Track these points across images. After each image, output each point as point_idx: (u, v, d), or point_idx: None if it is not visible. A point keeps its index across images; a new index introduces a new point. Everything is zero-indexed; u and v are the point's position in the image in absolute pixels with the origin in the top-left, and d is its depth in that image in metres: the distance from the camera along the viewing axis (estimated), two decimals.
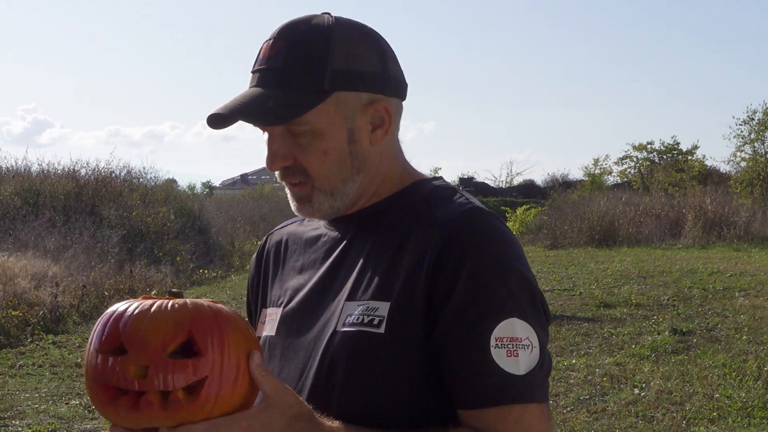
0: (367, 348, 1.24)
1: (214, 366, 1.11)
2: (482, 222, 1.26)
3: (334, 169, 1.30)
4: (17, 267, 10.96)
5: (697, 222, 18.99)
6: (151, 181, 19.36)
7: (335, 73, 1.27)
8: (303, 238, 1.46)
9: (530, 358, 1.21)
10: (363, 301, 1.28)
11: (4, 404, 6.47)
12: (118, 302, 1.21)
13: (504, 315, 1.21)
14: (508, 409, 1.20)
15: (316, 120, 1.27)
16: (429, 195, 1.35)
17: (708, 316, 9.23)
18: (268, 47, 1.30)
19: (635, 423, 5.72)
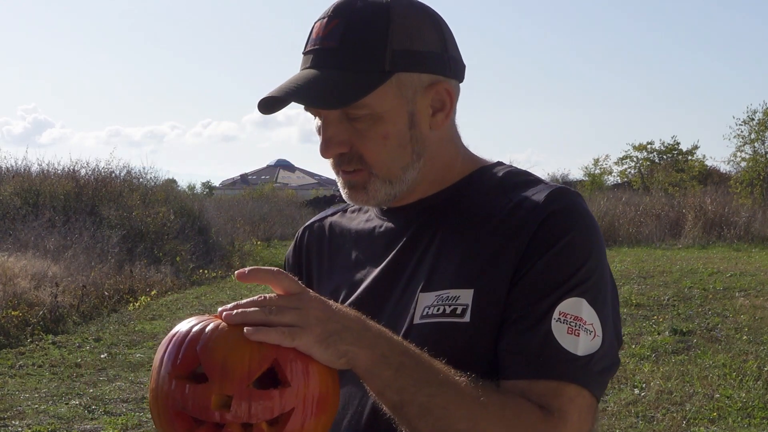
0: (453, 338, 1.18)
1: (298, 396, 1.03)
2: (573, 201, 1.22)
3: (394, 155, 1.23)
4: (17, 267, 10.96)
5: (697, 222, 18.99)
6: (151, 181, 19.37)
7: (396, 53, 1.20)
8: (353, 230, 1.39)
9: (591, 343, 1.16)
10: (441, 290, 1.21)
11: (4, 404, 6.46)
12: (187, 319, 1.10)
13: (574, 293, 1.16)
14: (563, 385, 1.13)
15: (376, 103, 1.20)
16: (503, 181, 1.28)
17: (708, 316, 9.22)
18: (322, 26, 1.22)
19: (635, 423, 5.72)
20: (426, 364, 1.11)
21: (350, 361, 1.07)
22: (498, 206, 1.23)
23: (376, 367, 1.08)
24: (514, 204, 1.22)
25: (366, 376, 1.09)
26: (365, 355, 1.07)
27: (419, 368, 1.10)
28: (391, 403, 1.10)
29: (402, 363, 1.09)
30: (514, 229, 1.19)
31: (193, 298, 12.29)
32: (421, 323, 1.21)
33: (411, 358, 1.10)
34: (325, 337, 1.05)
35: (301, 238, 1.47)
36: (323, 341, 1.05)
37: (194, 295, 12.59)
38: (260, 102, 1.22)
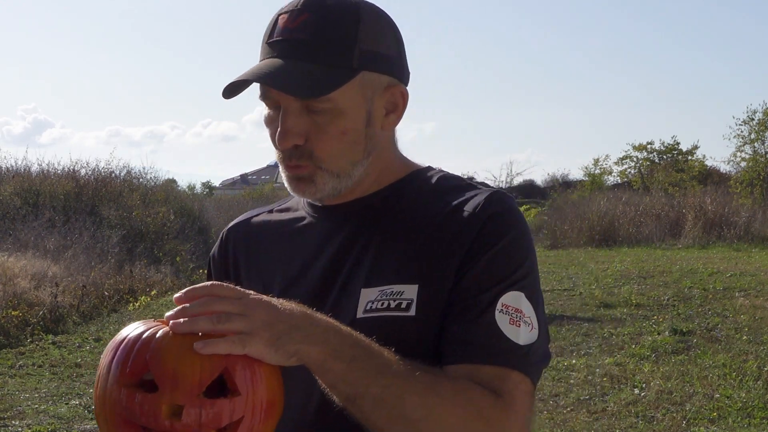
0: (399, 332, 1.20)
1: (248, 405, 1.04)
2: (511, 205, 1.28)
3: (346, 150, 1.26)
4: (17, 267, 10.96)
5: (697, 222, 18.98)
6: (151, 181, 19.38)
7: (363, 52, 1.24)
8: (283, 229, 1.40)
9: (530, 334, 1.21)
10: (384, 286, 1.24)
11: (4, 404, 6.46)
12: (131, 325, 1.10)
13: (516, 287, 1.22)
14: (508, 371, 1.18)
15: (340, 98, 1.23)
16: (440, 184, 1.33)
17: (708, 316, 9.22)
18: (290, 18, 1.24)
19: (635, 423, 5.72)
20: (377, 355, 1.12)
21: (301, 358, 1.08)
22: (437, 208, 1.28)
23: (328, 361, 1.09)
24: (453, 206, 1.27)
25: (318, 371, 1.10)
26: (316, 351, 1.08)
27: (371, 360, 1.11)
28: (345, 396, 1.11)
29: (354, 356, 1.10)
30: (458, 229, 1.24)
31: None
32: (365, 317, 1.23)
33: (363, 349, 1.11)
34: (274, 340, 1.06)
35: (226, 237, 1.47)
36: (273, 344, 1.06)
37: None
38: (228, 86, 1.23)
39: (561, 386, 6.68)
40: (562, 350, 7.95)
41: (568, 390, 6.56)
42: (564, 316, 9.58)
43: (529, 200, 33.28)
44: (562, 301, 10.78)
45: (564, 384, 6.75)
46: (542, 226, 22.15)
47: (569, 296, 11.10)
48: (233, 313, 1.06)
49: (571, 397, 6.35)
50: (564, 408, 6.11)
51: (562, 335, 8.53)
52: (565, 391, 6.55)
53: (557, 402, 6.27)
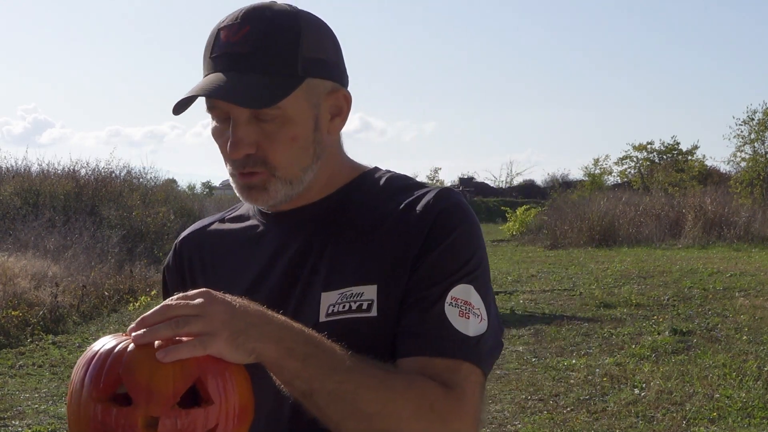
0: (363, 334, 1.23)
1: (221, 412, 1.07)
2: (458, 200, 1.31)
3: (297, 156, 1.28)
4: (17, 267, 10.96)
5: (697, 222, 18.99)
6: (151, 181, 19.40)
7: (306, 59, 1.26)
8: (236, 237, 1.41)
9: (479, 326, 1.24)
10: (344, 288, 1.26)
11: (4, 404, 6.47)
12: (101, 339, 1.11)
13: (464, 279, 1.25)
14: (458, 363, 1.21)
15: (288, 106, 1.25)
16: (389, 184, 1.36)
17: (708, 316, 9.22)
18: (231, 32, 1.25)
19: (635, 423, 5.72)
20: (331, 351, 1.15)
21: (258, 356, 1.10)
22: (388, 209, 1.31)
23: (283, 359, 1.11)
24: (404, 206, 1.30)
25: (273, 369, 1.12)
26: (271, 349, 1.10)
27: (325, 356, 1.14)
28: (301, 392, 1.13)
29: (308, 353, 1.12)
30: (410, 227, 1.27)
31: None
32: (327, 321, 1.25)
33: (316, 347, 1.14)
34: (233, 339, 1.07)
35: (180, 247, 1.48)
36: (232, 343, 1.07)
37: None
38: (178, 103, 1.25)
39: (561, 386, 6.68)
40: (562, 350, 7.95)
41: (568, 390, 6.57)
42: (564, 316, 9.58)
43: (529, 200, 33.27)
44: (562, 301, 10.78)
45: (564, 384, 6.75)
46: (542, 226, 22.15)
47: (569, 296, 11.10)
48: (191, 315, 1.07)
49: (571, 397, 6.35)
50: (564, 408, 6.11)
51: (562, 335, 8.54)
52: (565, 391, 6.55)
53: (557, 402, 6.27)
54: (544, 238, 20.80)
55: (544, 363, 7.45)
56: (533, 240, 21.54)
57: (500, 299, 11.24)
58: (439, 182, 42.41)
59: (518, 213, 24.34)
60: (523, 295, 11.53)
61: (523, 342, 8.35)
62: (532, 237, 21.98)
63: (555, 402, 6.27)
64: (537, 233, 22.01)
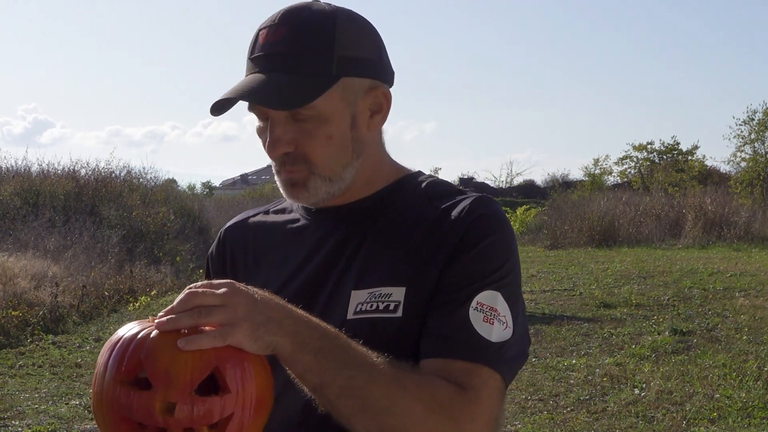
0: (387, 334, 1.25)
1: (238, 401, 1.09)
2: (495, 209, 1.32)
3: (336, 154, 1.31)
4: (17, 267, 10.97)
5: (697, 222, 18.99)
6: (151, 181, 19.40)
7: (342, 58, 1.28)
8: (279, 230, 1.45)
9: (503, 332, 1.25)
10: (373, 288, 1.28)
11: (4, 404, 6.47)
12: (127, 325, 1.15)
13: (492, 286, 1.26)
14: (478, 367, 1.21)
15: (323, 105, 1.27)
16: (430, 189, 1.38)
17: (708, 316, 9.23)
18: (270, 33, 1.29)
19: (635, 423, 5.72)
20: (345, 346, 1.17)
21: (275, 349, 1.13)
22: (426, 213, 1.33)
23: (297, 352, 1.13)
24: (441, 210, 1.32)
25: (288, 362, 1.15)
26: (287, 343, 1.13)
27: (338, 351, 1.16)
28: (312, 386, 1.16)
29: (321, 347, 1.14)
30: (444, 232, 1.29)
31: None
32: (354, 319, 1.27)
33: (330, 341, 1.16)
34: (253, 331, 1.10)
35: (224, 236, 1.52)
36: (252, 335, 1.10)
37: None
38: (215, 104, 1.28)
39: (561, 386, 6.68)
40: (562, 350, 7.95)
41: (568, 390, 6.57)
42: (564, 316, 9.58)
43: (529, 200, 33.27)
44: (562, 301, 10.78)
45: (564, 384, 6.75)
46: (542, 226, 22.14)
47: (569, 296, 11.10)
48: (214, 305, 1.10)
49: (571, 397, 6.35)
50: (564, 408, 6.11)
51: (562, 335, 8.54)
52: (565, 391, 6.55)
53: (557, 402, 6.27)
54: (544, 238, 20.80)
55: (544, 363, 7.46)
56: (533, 240, 21.53)
57: None
58: None
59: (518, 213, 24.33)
60: (523, 295, 11.52)
61: None
62: (532, 237, 21.97)
63: (555, 402, 6.27)
64: (537, 233, 22.00)
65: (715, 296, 10.48)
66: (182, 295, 1.11)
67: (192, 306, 1.10)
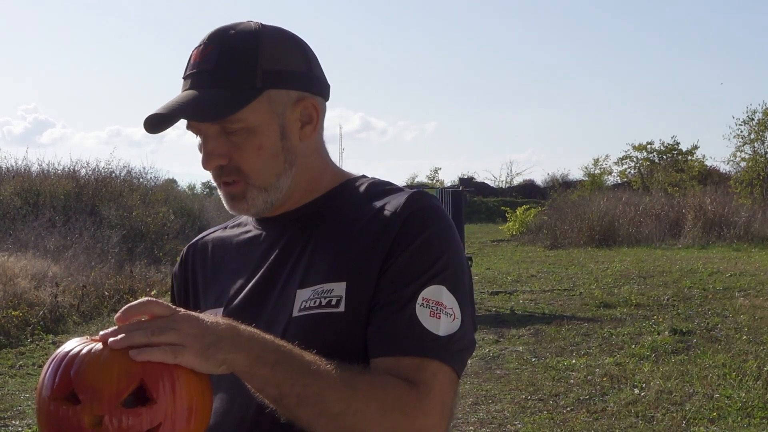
0: (331, 328, 1.29)
1: (167, 411, 1.13)
2: (429, 203, 1.36)
3: (268, 164, 1.36)
4: (17, 267, 10.96)
5: (697, 222, 19.00)
6: (151, 181, 19.41)
7: (266, 72, 1.33)
8: (233, 243, 1.51)
9: (451, 324, 1.28)
10: (316, 285, 1.33)
11: (4, 404, 6.47)
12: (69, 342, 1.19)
13: (436, 280, 1.29)
14: (426, 361, 1.25)
15: (250, 117, 1.33)
16: (368, 190, 1.42)
17: (708, 316, 9.23)
18: (199, 52, 1.35)
19: (635, 423, 5.72)
20: (298, 357, 1.21)
21: (230, 366, 1.17)
22: (364, 211, 1.37)
23: (253, 367, 1.18)
24: (378, 208, 1.36)
25: (246, 377, 1.19)
26: (242, 359, 1.17)
27: (293, 362, 1.20)
28: (272, 397, 1.20)
29: (276, 360, 1.19)
30: (381, 227, 1.33)
31: None
32: (299, 316, 1.32)
33: (284, 353, 1.20)
34: (203, 350, 1.14)
35: (186, 255, 1.58)
36: (202, 354, 1.14)
37: None
38: (145, 120, 1.33)
39: (561, 386, 6.68)
40: (562, 350, 7.96)
41: (568, 390, 6.57)
42: (564, 316, 9.59)
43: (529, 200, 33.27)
44: (562, 301, 10.78)
45: (564, 384, 6.75)
46: (542, 226, 22.14)
47: (569, 296, 11.11)
48: (166, 327, 1.14)
49: (571, 397, 6.35)
50: (564, 408, 6.12)
51: (562, 335, 8.54)
52: (565, 391, 6.55)
53: (557, 402, 6.27)
54: (544, 238, 20.80)
55: (544, 363, 7.46)
56: (533, 240, 21.54)
57: (500, 299, 11.25)
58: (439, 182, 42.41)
59: (518, 213, 24.34)
60: (523, 295, 11.54)
61: (523, 342, 8.36)
62: (532, 237, 21.98)
63: (555, 402, 6.27)
64: (537, 233, 22.00)
65: (715, 296, 10.48)
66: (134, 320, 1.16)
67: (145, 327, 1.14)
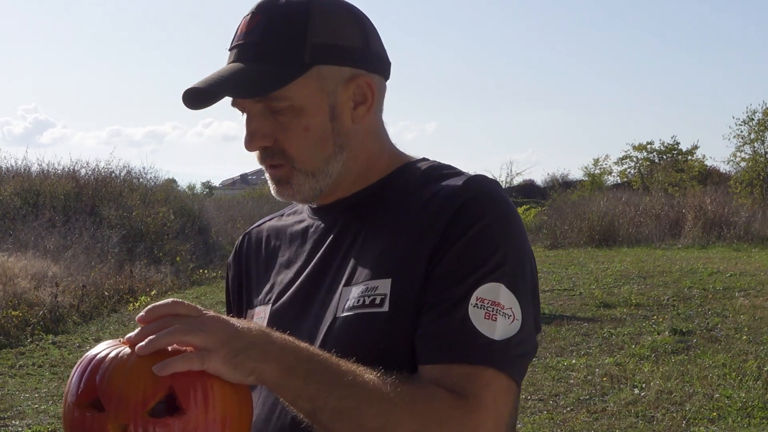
0: (375, 329, 1.18)
1: (197, 423, 1.04)
2: (488, 189, 1.22)
3: (315, 147, 1.25)
4: (17, 267, 10.96)
5: (697, 222, 18.98)
6: (151, 181, 19.40)
7: (315, 46, 1.22)
8: (287, 233, 1.40)
9: (509, 327, 1.16)
10: (362, 282, 1.22)
11: (4, 404, 6.47)
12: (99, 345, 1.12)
13: (492, 278, 1.16)
14: (480, 369, 1.13)
15: (296, 95, 1.22)
16: (424, 174, 1.29)
17: (708, 316, 9.23)
18: (245, 22, 1.25)
19: (635, 423, 5.72)
20: (334, 367, 1.11)
21: (259, 376, 1.08)
22: (417, 198, 1.25)
23: (285, 378, 1.08)
24: (431, 194, 1.23)
25: (277, 388, 1.10)
26: (272, 369, 1.08)
27: (327, 373, 1.10)
28: (305, 411, 1.10)
29: (309, 370, 1.09)
30: (431, 217, 1.20)
31: (193, 298, 12.29)
32: (344, 316, 1.21)
33: (318, 363, 1.10)
34: (231, 357, 1.06)
35: (240, 244, 1.49)
36: (230, 361, 1.06)
37: (194, 295, 12.59)
38: (184, 95, 1.21)
39: (561, 386, 6.68)
40: (562, 350, 7.95)
41: (568, 390, 6.57)
42: (564, 316, 9.58)
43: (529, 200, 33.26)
44: (562, 301, 10.78)
45: (564, 384, 6.75)
46: (542, 226, 22.14)
47: (569, 296, 11.10)
48: (192, 330, 1.06)
49: (571, 397, 6.35)
50: (564, 408, 6.11)
51: (562, 335, 8.54)
52: (565, 391, 6.55)
53: (557, 402, 6.27)
54: (544, 238, 20.79)
55: (544, 363, 7.45)
56: (533, 240, 21.51)
57: None
58: None
59: None
60: None
61: None
62: (532, 237, 21.95)
63: (555, 402, 6.27)
64: (537, 233, 21.99)
65: (715, 296, 10.48)
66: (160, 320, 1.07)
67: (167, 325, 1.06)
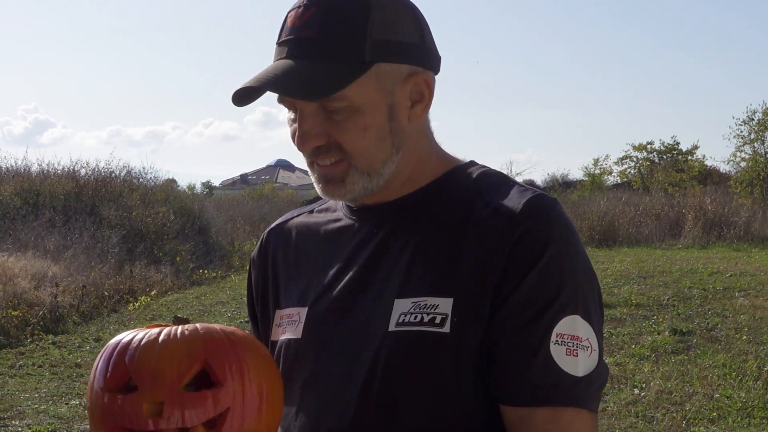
0: (431, 349, 1.13)
1: (235, 396, 1.02)
2: (552, 212, 1.18)
3: (374, 148, 1.18)
4: (17, 267, 10.96)
5: (697, 222, 18.98)
6: (151, 181, 19.38)
7: (376, 42, 1.15)
8: (321, 231, 1.33)
9: (589, 360, 1.14)
10: (418, 297, 1.16)
11: (4, 404, 6.47)
12: (121, 332, 1.09)
13: (569, 311, 1.13)
14: (561, 411, 1.11)
15: (355, 94, 1.15)
16: (479, 182, 1.24)
17: (708, 316, 9.22)
18: (297, 15, 1.16)
19: (635, 423, 5.72)
20: None
21: None
22: (474, 211, 1.19)
23: None
24: (491, 210, 1.18)
25: None
26: None
27: None
28: None
29: None
30: (493, 238, 1.15)
31: (193, 298, 12.29)
32: (397, 330, 1.16)
33: None
34: None
35: (266, 240, 1.41)
36: None
37: (194, 295, 12.59)
38: (235, 93, 1.17)
39: None
40: None
41: None
42: None
43: None
44: None
45: None
46: None
47: None
48: None
49: None
50: None
51: None
52: None
53: None
54: None
55: None
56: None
57: None
58: None
59: None
60: None
61: None
62: None
63: None
64: None
65: (715, 296, 10.47)
66: None
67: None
